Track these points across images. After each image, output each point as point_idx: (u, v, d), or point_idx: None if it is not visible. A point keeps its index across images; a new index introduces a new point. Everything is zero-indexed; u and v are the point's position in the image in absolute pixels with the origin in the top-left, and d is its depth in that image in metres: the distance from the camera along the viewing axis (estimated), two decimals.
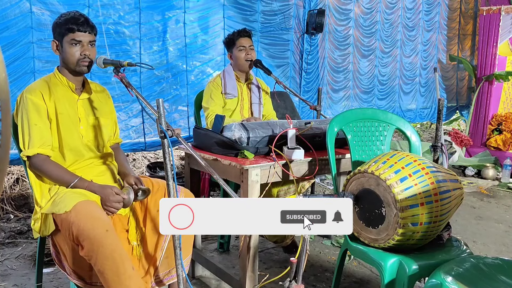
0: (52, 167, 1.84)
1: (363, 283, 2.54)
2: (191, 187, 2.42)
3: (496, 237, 3.32)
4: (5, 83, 0.65)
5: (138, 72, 3.59)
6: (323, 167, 2.22)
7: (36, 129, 1.83)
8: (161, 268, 1.91)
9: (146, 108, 1.71)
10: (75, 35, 1.86)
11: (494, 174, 5.08)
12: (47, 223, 1.81)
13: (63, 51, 1.89)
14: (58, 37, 1.89)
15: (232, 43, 2.81)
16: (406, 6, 5.46)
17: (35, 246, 2.83)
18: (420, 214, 1.67)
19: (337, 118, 2.14)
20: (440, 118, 2.44)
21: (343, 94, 5.16)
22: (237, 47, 2.78)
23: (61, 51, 1.90)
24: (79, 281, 1.79)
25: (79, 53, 1.87)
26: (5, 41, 2.98)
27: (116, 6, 3.43)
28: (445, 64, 6.10)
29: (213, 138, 2.17)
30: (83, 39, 1.87)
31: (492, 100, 5.84)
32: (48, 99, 1.87)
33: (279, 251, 2.90)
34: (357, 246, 1.88)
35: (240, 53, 2.78)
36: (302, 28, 4.55)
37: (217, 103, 2.74)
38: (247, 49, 2.78)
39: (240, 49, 2.78)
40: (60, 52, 1.91)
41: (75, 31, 1.86)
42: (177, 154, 4.68)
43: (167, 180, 1.57)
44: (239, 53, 2.78)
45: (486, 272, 1.50)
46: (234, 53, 2.81)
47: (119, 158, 2.13)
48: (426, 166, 1.74)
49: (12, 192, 3.68)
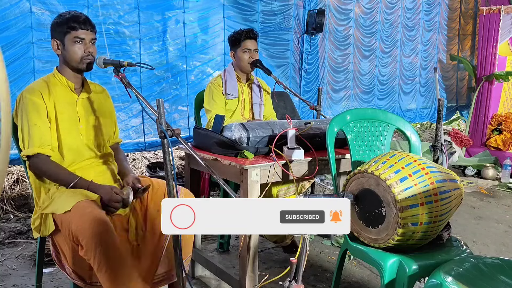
0: (52, 167, 1.84)
1: (363, 283, 2.54)
2: (191, 187, 2.42)
3: (496, 237, 3.32)
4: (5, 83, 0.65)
5: (138, 72, 3.59)
6: (323, 167, 2.22)
7: (36, 129, 1.83)
8: (161, 268, 1.91)
9: (146, 108, 1.71)
10: (77, 33, 1.86)
11: (494, 174, 5.08)
12: (47, 223, 1.81)
13: (65, 50, 1.89)
14: (59, 36, 1.88)
15: (237, 42, 2.78)
16: (406, 6, 5.46)
17: (35, 246, 2.83)
18: (420, 214, 1.67)
19: (337, 118, 2.14)
20: (440, 118, 2.44)
21: (343, 94, 5.16)
22: (242, 48, 2.76)
23: (62, 50, 1.89)
24: (79, 281, 1.79)
25: (82, 50, 1.87)
26: (5, 41, 2.98)
27: (116, 6, 3.43)
28: (445, 64, 6.10)
29: (213, 138, 2.17)
30: (85, 37, 1.88)
31: (492, 100, 5.84)
32: (48, 99, 1.87)
33: (279, 251, 2.90)
34: (357, 246, 1.88)
35: (244, 55, 2.76)
36: (302, 28, 4.55)
37: (219, 105, 2.72)
38: (251, 52, 2.76)
39: (244, 51, 2.76)
40: (61, 51, 1.90)
41: (77, 29, 1.86)
42: (177, 154, 4.68)
43: (167, 180, 1.57)
44: (243, 54, 2.76)
45: (486, 272, 1.50)
46: (237, 53, 2.79)
47: (118, 157, 2.13)
48: (426, 166, 1.74)
49: (12, 192, 3.68)
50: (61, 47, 1.90)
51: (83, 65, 1.90)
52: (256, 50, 2.79)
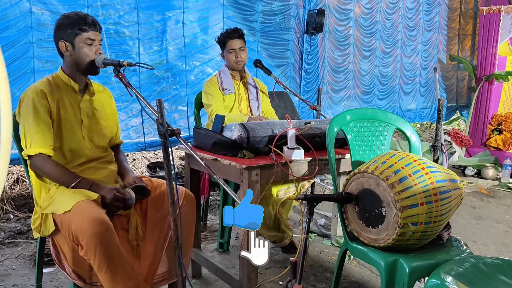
0: (53, 167, 1.84)
1: (363, 283, 2.54)
2: (191, 187, 2.42)
3: (496, 237, 3.32)
4: (5, 82, 0.65)
5: (138, 72, 3.59)
6: (323, 167, 2.22)
7: (39, 128, 1.82)
8: (161, 268, 1.91)
9: (146, 108, 1.71)
10: (89, 34, 1.85)
11: (494, 174, 5.08)
12: (47, 223, 1.81)
13: (75, 52, 1.87)
14: (68, 38, 1.86)
15: (222, 44, 2.82)
16: (407, 6, 5.46)
17: (35, 246, 2.82)
18: (420, 214, 1.67)
19: (337, 118, 2.14)
20: (440, 118, 2.44)
21: (343, 94, 5.16)
22: (227, 49, 2.79)
23: (72, 51, 1.88)
24: (79, 281, 1.79)
25: (94, 52, 1.87)
26: (5, 41, 2.98)
27: (115, 6, 3.43)
28: (445, 64, 6.10)
29: (213, 138, 2.17)
30: (96, 38, 1.88)
31: (492, 100, 5.84)
32: (51, 99, 1.87)
33: (279, 251, 2.90)
34: (357, 246, 1.88)
35: (230, 55, 2.79)
36: (302, 28, 4.55)
37: (217, 98, 2.75)
38: (236, 51, 2.77)
39: (230, 52, 2.78)
40: (70, 52, 1.88)
41: (88, 30, 1.85)
42: (177, 154, 4.68)
43: (167, 180, 1.57)
44: (229, 55, 2.79)
45: (486, 272, 1.50)
46: (225, 54, 2.83)
47: (118, 157, 2.13)
48: (426, 166, 1.74)
49: (12, 192, 3.68)
50: (70, 49, 1.87)
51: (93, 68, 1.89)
52: (241, 48, 2.79)
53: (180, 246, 1.61)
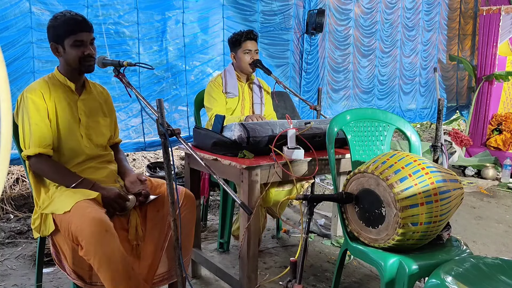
0: (53, 167, 1.84)
1: (363, 283, 2.54)
2: (191, 187, 2.42)
3: (496, 237, 3.32)
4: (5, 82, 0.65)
5: (137, 72, 3.59)
6: (323, 167, 2.22)
7: (37, 128, 1.82)
8: (161, 268, 1.91)
9: (146, 108, 1.71)
10: (77, 36, 1.84)
11: (494, 174, 5.08)
12: (47, 223, 1.81)
13: (65, 53, 1.87)
14: (58, 40, 1.86)
15: (238, 44, 2.78)
16: (406, 6, 5.46)
17: (35, 246, 2.82)
18: (420, 214, 1.67)
19: (337, 118, 2.14)
20: (440, 118, 2.44)
21: (343, 94, 5.16)
22: (242, 50, 2.76)
23: (63, 53, 1.88)
24: (79, 281, 1.79)
25: (82, 53, 1.86)
26: (5, 41, 2.98)
27: (115, 6, 3.43)
28: (445, 64, 6.10)
29: (213, 138, 2.17)
30: (85, 38, 1.86)
31: (492, 100, 5.84)
32: (49, 99, 1.87)
33: (279, 251, 2.90)
34: (357, 246, 1.88)
35: (245, 56, 2.76)
36: (302, 28, 4.55)
37: (219, 102, 2.73)
38: (252, 53, 2.77)
39: (245, 52, 2.76)
40: (62, 54, 1.88)
41: (77, 32, 1.84)
42: (177, 154, 4.68)
43: (167, 180, 1.57)
44: (244, 56, 2.77)
45: (486, 272, 1.50)
46: (238, 54, 2.79)
47: (118, 157, 2.13)
48: (426, 166, 1.74)
49: (12, 192, 3.68)
50: (61, 50, 1.88)
51: (85, 67, 1.89)
52: (256, 51, 2.79)
53: (180, 246, 1.60)
